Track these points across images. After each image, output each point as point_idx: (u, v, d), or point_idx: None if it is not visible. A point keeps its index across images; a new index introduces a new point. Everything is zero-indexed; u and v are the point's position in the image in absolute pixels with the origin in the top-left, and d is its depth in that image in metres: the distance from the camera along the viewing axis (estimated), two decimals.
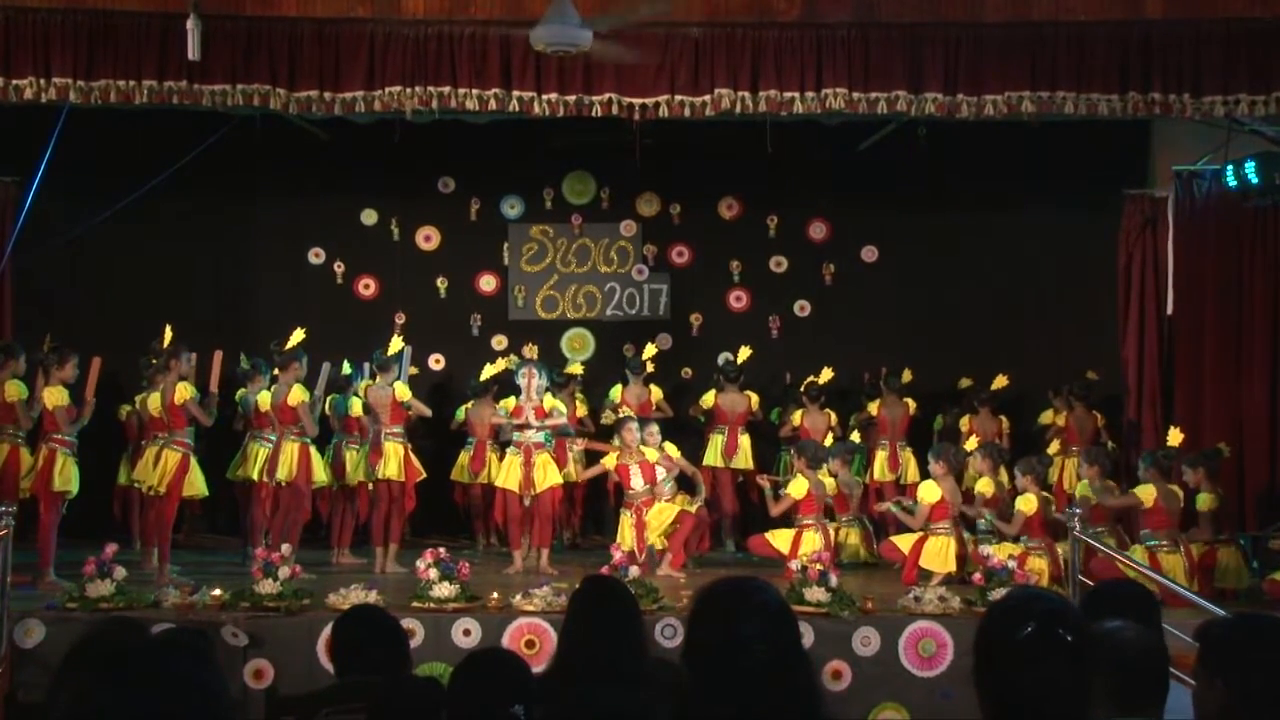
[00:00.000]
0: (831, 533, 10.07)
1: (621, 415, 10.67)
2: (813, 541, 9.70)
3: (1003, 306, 12.23)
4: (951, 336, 11.82)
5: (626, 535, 9.86)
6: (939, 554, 9.37)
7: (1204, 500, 9.38)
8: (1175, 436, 9.81)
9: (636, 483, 9.98)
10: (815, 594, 7.76)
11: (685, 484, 10.62)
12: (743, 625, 2.58)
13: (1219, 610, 7.21)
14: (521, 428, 10.03)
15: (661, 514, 9.92)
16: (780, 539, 9.93)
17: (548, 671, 3.87)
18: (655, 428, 10.38)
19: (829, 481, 10.24)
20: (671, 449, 10.46)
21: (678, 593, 8.36)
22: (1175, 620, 7.09)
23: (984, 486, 9.78)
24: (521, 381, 10.13)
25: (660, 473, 10.07)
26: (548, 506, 10.15)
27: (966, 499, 9.89)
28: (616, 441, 10.26)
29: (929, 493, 9.58)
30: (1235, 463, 10.61)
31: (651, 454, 10.06)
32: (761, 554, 10.11)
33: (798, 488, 9.94)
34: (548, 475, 10.02)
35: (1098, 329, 11.93)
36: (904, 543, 9.63)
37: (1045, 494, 9.63)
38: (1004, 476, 9.98)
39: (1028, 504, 9.29)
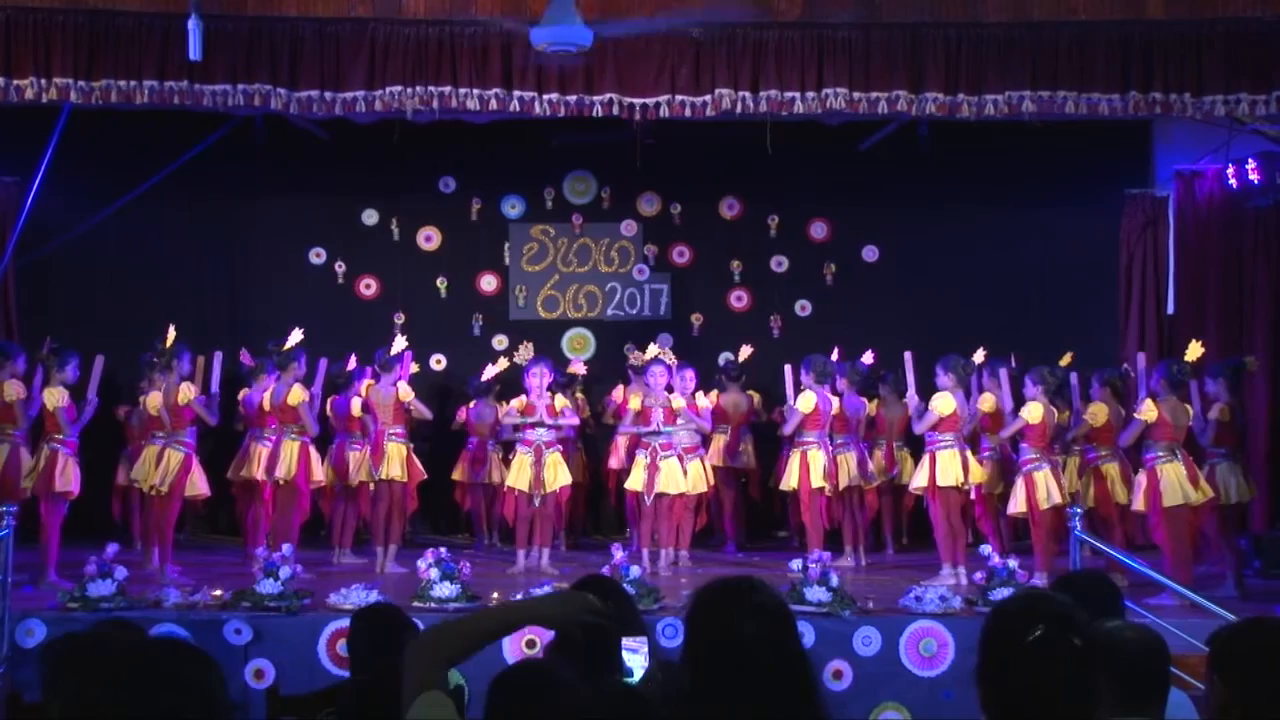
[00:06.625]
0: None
1: (650, 358, 10.58)
2: (818, 460, 9.92)
3: (1003, 306, 12.22)
4: (952, 336, 11.78)
5: (638, 477, 10.03)
6: (950, 467, 9.36)
7: (1218, 411, 9.35)
8: (1194, 350, 9.54)
9: (657, 423, 10.06)
10: (816, 594, 7.76)
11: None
12: (741, 626, 2.58)
13: (1206, 601, 7.24)
14: (534, 426, 10.03)
15: (673, 476, 9.98)
16: (790, 474, 10.12)
17: (543, 664, 3.84)
18: (689, 373, 10.45)
19: (834, 399, 10.31)
20: (702, 399, 10.54)
21: (678, 592, 8.36)
22: (1177, 619, 7.16)
23: (987, 405, 9.85)
24: (534, 381, 10.13)
25: (680, 420, 10.10)
26: (555, 506, 10.18)
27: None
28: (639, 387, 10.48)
29: (943, 404, 9.43)
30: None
31: (678, 402, 10.08)
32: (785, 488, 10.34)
33: (806, 402, 9.98)
34: (558, 475, 10.03)
35: (1098, 329, 11.93)
36: (920, 476, 9.61)
37: (1053, 408, 9.50)
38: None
39: (1032, 413, 9.25)
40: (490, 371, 11.23)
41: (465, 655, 2.75)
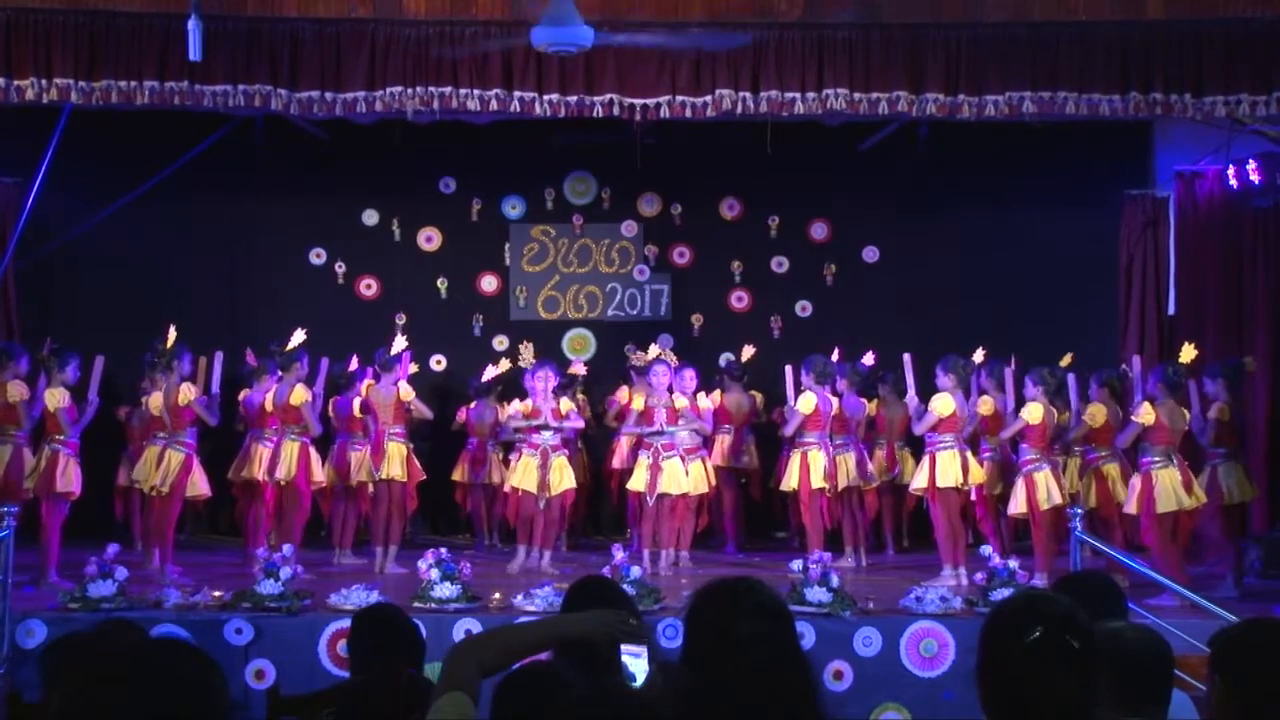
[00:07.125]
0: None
1: (652, 358, 10.57)
2: (819, 461, 9.93)
3: (1003, 307, 12.21)
4: (952, 337, 11.81)
5: (640, 477, 10.02)
6: (950, 468, 9.36)
7: (1217, 411, 9.33)
8: (1188, 353, 9.52)
9: (660, 423, 10.05)
10: (816, 594, 7.76)
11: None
12: (740, 626, 2.58)
13: (1206, 602, 7.23)
14: (540, 429, 10.03)
15: (675, 477, 9.96)
16: (790, 475, 10.13)
17: (549, 667, 3.85)
18: (690, 373, 10.44)
19: (834, 400, 10.29)
20: (704, 400, 10.55)
21: (679, 592, 8.35)
22: (1177, 620, 7.16)
23: (986, 408, 9.86)
24: (539, 384, 10.12)
25: (683, 420, 10.09)
26: (560, 510, 10.18)
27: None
28: (642, 387, 10.46)
29: (943, 405, 9.42)
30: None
31: (680, 402, 10.08)
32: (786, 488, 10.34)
33: (806, 403, 9.98)
34: (563, 478, 10.03)
35: (1098, 329, 11.92)
36: (920, 477, 9.63)
37: (1053, 409, 9.50)
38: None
39: (1032, 414, 9.26)
40: (490, 372, 11.23)
41: (502, 665, 2.85)
